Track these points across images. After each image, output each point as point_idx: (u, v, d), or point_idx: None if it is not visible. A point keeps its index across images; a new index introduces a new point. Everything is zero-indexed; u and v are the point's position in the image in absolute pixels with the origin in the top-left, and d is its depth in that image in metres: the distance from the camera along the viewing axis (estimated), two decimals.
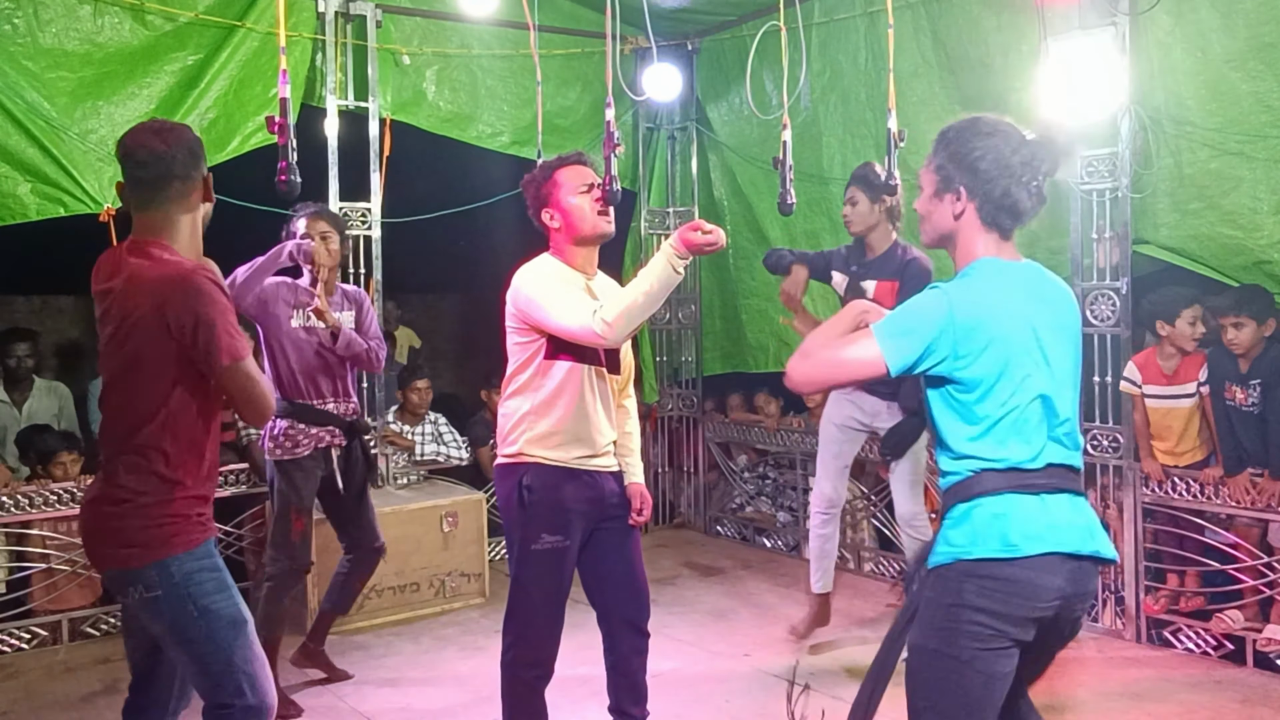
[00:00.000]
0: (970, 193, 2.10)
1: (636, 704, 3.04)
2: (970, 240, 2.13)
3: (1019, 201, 2.09)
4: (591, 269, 2.93)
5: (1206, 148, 4.02)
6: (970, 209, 2.10)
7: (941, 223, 2.16)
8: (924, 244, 2.24)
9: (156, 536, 2.24)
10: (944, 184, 2.13)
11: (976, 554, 1.99)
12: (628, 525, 2.97)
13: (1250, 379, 4.07)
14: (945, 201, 2.13)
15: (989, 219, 2.11)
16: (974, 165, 2.08)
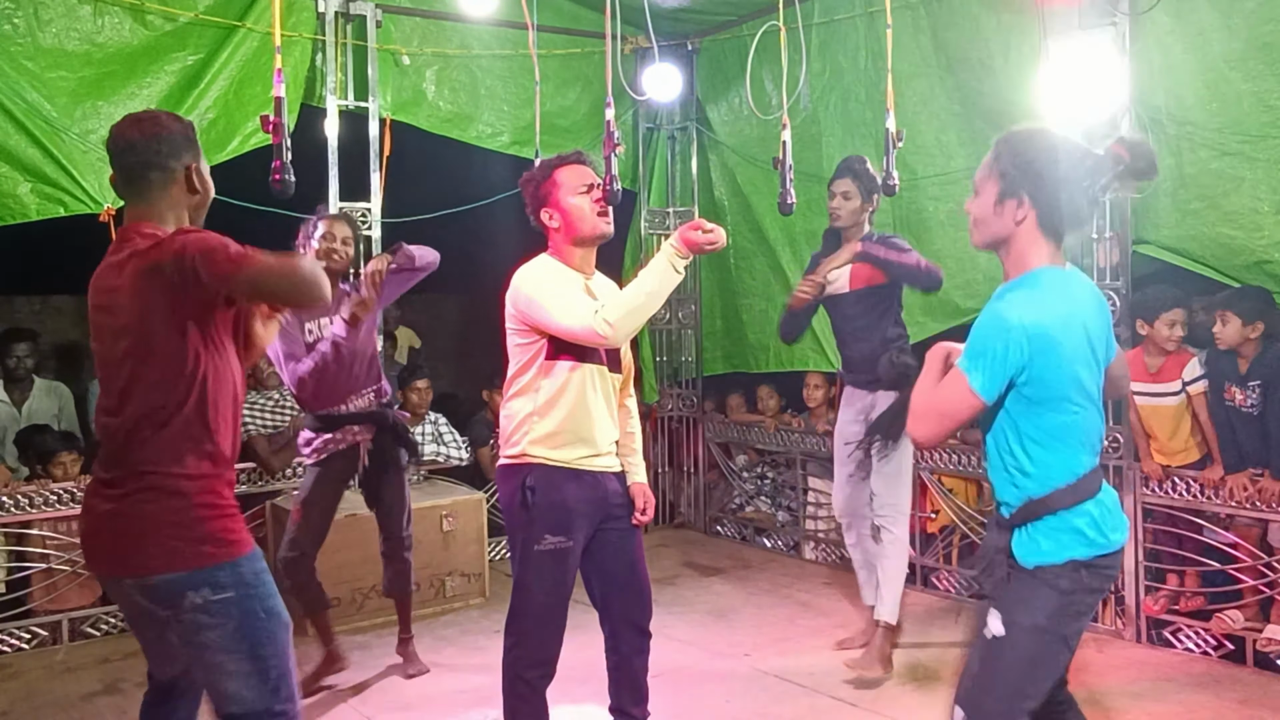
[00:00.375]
0: (1034, 201, 2.13)
1: (637, 704, 3.04)
2: (1027, 247, 2.16)
3: (1079, 211, 2.15)
4: (590, 269, 2.93)
5: (1207, 148, 4.02)
6: (1032, 217, 2.14)
7: (1001, 229, 2.18)
8: (974, 245, 2.26)
9: (228, 531, 2.15)
10: (1007, 190, 2.15)
11: (1093, 551, 2.12)
12: (630, 525, 2.96)
13: (1249, 380, 4.07)
14: (1007, 208, 2.16)
15: (1048, 228, 2.15)
16: (1040, 174, 2.12)
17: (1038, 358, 2.06)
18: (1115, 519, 2.19)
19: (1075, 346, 2.10)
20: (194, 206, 2.26)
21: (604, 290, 2.93)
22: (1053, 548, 2.14)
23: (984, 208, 2.20)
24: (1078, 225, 2.19)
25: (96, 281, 2.23)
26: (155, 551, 2.10)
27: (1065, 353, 2.09)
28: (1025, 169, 2.13)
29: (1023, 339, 2.05)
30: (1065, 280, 2.16)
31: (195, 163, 2.24)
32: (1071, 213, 2.14)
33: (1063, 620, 2.14)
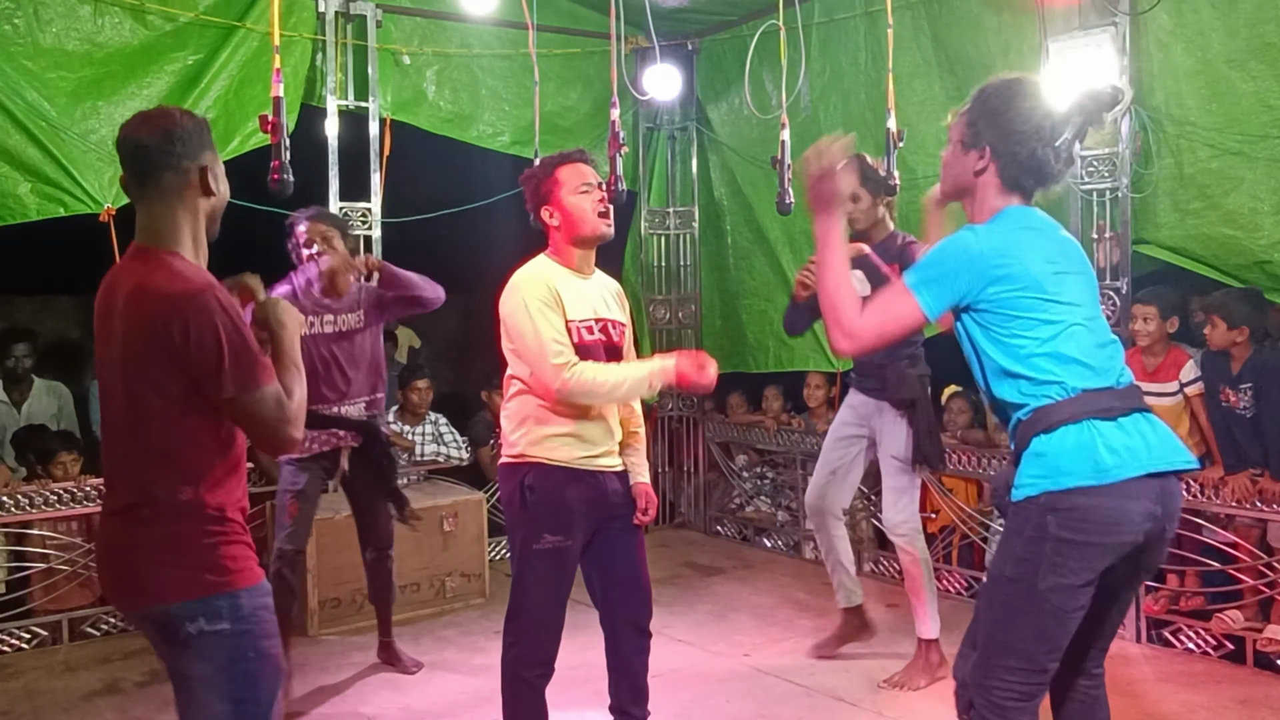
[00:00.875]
0: (994, 153, 2.13)
1: (637, 704, 3.04)
2: (988, 198, 2.17)
3: (1045, 164, 2.12)
4: (589, 269, 2.93)
5: (1207, 147, 4.01)
6: (992, 169, 2.14)
7: (961, 176, 2.20)
8: (941, 193, 2.32)
9: (234, 560, 2.00)
10: (972, 139, 2.17)
11: (1065, 484, 2.00)
12: (631, 525, 2.96)
13: (1241, 382, 4.07)
14: (970, 157, 2.17)
15: (1010, 181, 2.14)
16: (1004, 126, 2.11)
17: (991, 272, 2.06)
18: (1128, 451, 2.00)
19: (1035, 267, 2.07)
20: (210, 211, 2.10)
21: (600, 293, 2.92)
22: (1031, 479, 2.04)
23: (951, 154, 2.23)
24: (1044, 178, 2.16)
25: (105, 296, 2.10)
26: (158, 578, 1.97)
27: (1024, 269, 2.06)
28: (990, 120, 2.14)
29: (976, 256, 2.07)
30: (1026, 215, 2.16)
31: (211, 164, 2.08)
32: (1035, 166, 2.12)
33: (1035, 570, 2.00)
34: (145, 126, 2.04)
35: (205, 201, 2.07)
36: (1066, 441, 2.02)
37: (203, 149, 2.07)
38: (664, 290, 6.45)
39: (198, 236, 2.08)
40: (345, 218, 5.03)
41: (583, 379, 2.68)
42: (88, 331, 7.39)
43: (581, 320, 2.83)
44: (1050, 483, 2.02)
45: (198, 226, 2.07)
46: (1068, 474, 2.00)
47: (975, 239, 2.10)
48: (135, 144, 2.03)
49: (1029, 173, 2.13)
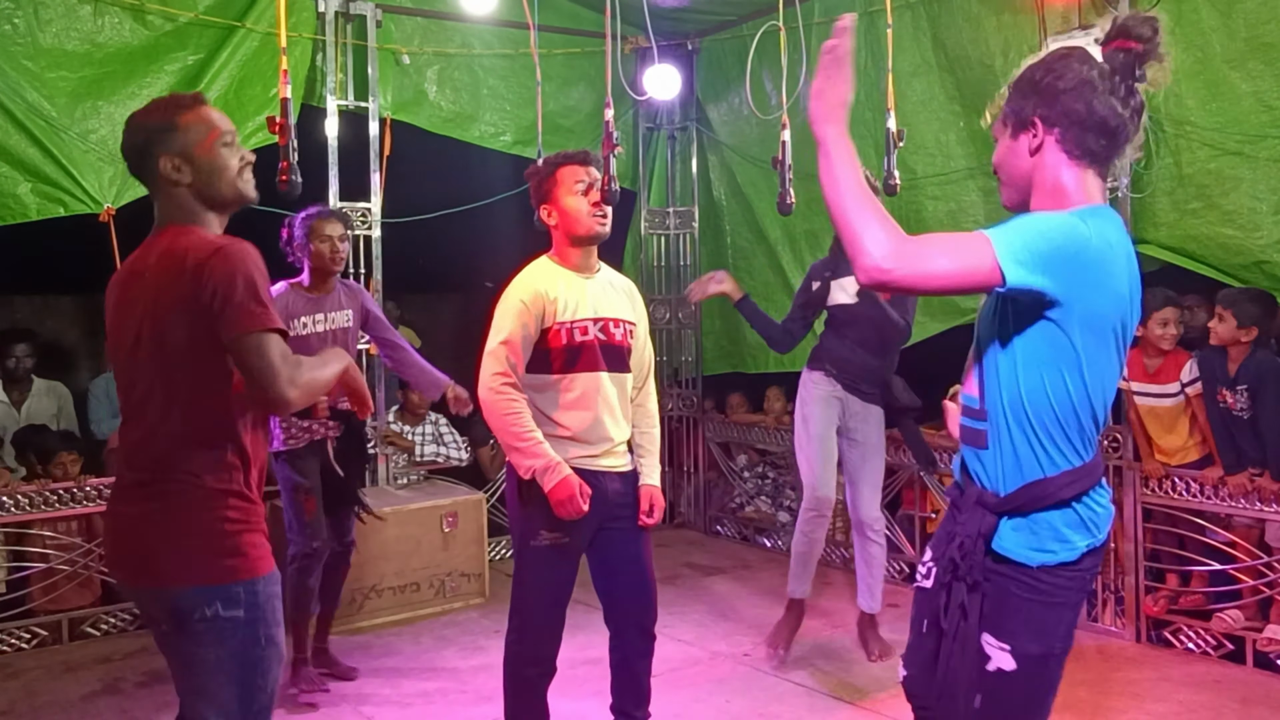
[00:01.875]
0: (1047, 121, 1.81)
1: (639, 705, 3.04)
2: (1059, 179, 1.81)
3: (1109, 116, 1.79)
4: (590, 268, 2.93)
5: (1206, 147, 4.02)
6: (1050, 141, 1.82)
7: (1019, 166, 1.86)
8: (1006, 206, 1.93)
9: (255, 547, 2.01)
10: (1018, 121, 1.85)
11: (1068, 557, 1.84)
12: (636, 526, 2.95)
13: (1237, 383, 4.07)
14: (1021, 141, 1.85)
15: (1077, 147, 1.80)
16: (1048, 89, 1.81)
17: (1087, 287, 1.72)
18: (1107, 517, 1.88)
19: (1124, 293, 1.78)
20: (199, 195, 2.03)
21: (603, 290, 2.92)
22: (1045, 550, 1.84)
23: (1000, 150, 1.90)
24: (1114, 134, 1.81)
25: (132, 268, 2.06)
26: (179, 561, 1.97)
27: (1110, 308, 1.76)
28: (1030, 90, 1.84)
29: (1083, 250, 1.70)
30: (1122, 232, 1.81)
31: (169, 150, 2.01)
32: (1098, 121, 1.78)
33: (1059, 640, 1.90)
34: (133, 126, 2.08)
35: (181, 189, 2.04)
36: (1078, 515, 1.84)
37: (161, 138, 2.02)
38: (664, 290, 6.46)
39: (194, 222, 2.04)
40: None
41: (499, 403, 2.78)
42: (88, 331, 7.44)
43: (576, 320, 2.83)
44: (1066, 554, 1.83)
45: (188, 213, 2.05)
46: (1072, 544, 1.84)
47: (1085, 228, 1.72)
48: (130, 146, 2.08)
49: (1093, 130, 1.79)
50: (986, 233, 1.69)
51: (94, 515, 4.57)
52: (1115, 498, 4.34)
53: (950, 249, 1.68)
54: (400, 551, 4.75)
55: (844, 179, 1.69)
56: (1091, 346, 1.76)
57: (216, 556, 1.97)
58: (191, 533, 1.97)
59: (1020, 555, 1.83)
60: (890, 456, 4.41)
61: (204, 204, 2.06)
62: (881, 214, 1.66)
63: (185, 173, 2.03)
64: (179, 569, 1.97)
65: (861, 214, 1.65)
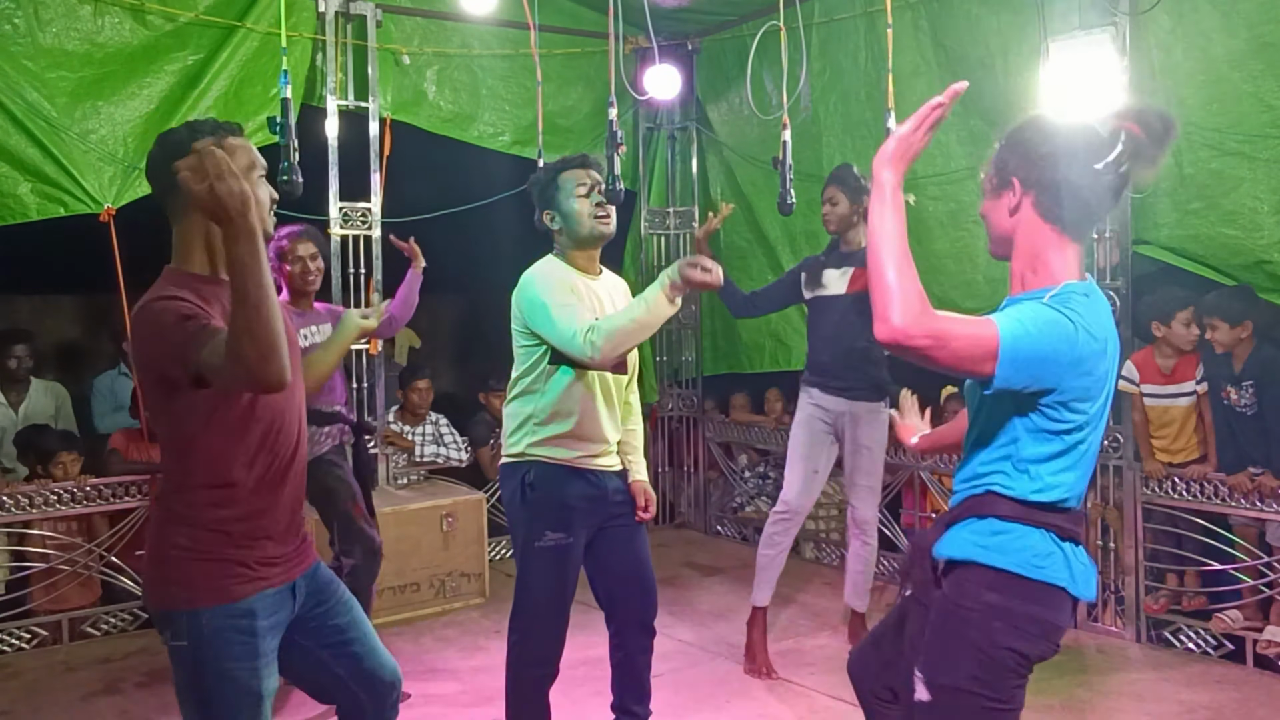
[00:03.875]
0: (1024, 184, 1.87)
1: (640, 702, 3.05)
2: (1037, 246, 1.87)
3: (1081, 189, 1.83)
4: (594, 268, 2.95)
5: (1207, 148, 4.02)
6: (1027, 204, 1.87)
7: (999, 223, 1.92)
8: (992, 255, 2.01)
9: (204, 578, 1.97)
10: (1000, 179, 1.91)
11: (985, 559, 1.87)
12: (634, 523, 2.98)
13: (1243, 380, 4.08)
14: (1002, 199, 1.91)
15: (1049, 214, 1.85)
16: (1030, 152, 1.86)
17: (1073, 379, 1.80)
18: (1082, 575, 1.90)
19: (1104, 374, 1.86)
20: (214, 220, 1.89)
21: (609, 292, 2.94)
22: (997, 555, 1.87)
23: (986, 206, 1.97)
24: (1086, 211, 1.86)
25: None
26: (149, 582, 2.04)
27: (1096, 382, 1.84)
28: (1015, 151, 1.89)
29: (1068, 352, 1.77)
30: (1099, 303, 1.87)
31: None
32: (1071, 194, 1.83)
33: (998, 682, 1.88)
34: (149, 153, 2.05)
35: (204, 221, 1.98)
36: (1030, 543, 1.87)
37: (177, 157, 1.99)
38: None
39: (212, 248, 2.01)
40: (345, 218, 5.05)
41: (605, 334, 2.60)
42: (87, 331, 7.44)
43: None
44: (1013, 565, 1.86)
45: (209, 238, 2.01)
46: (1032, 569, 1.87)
47: (1074, 329, 1.78)
48: (150, 171, 2.05)
49: (1066, 203, 1.83)
50: (996, 324, 1.74)
51: (94, 515, 4.57)
52: (1115, 498, 4.34)
53: (968, 333, 1.72)
54: (400, 551, 4.75)
55: (896, 231, 1.73)
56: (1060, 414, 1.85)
57: (161, 583, 2.00)
58: (152, 552, 2.03)
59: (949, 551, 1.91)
60: (890, 457, 4.41)
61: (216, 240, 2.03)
62: (915, 279, 1.71)
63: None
64: (148, 585, 2.05)
65: (902, 274, 1.70)
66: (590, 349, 2.61)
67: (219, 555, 1.98)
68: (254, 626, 1.98)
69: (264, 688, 2.00)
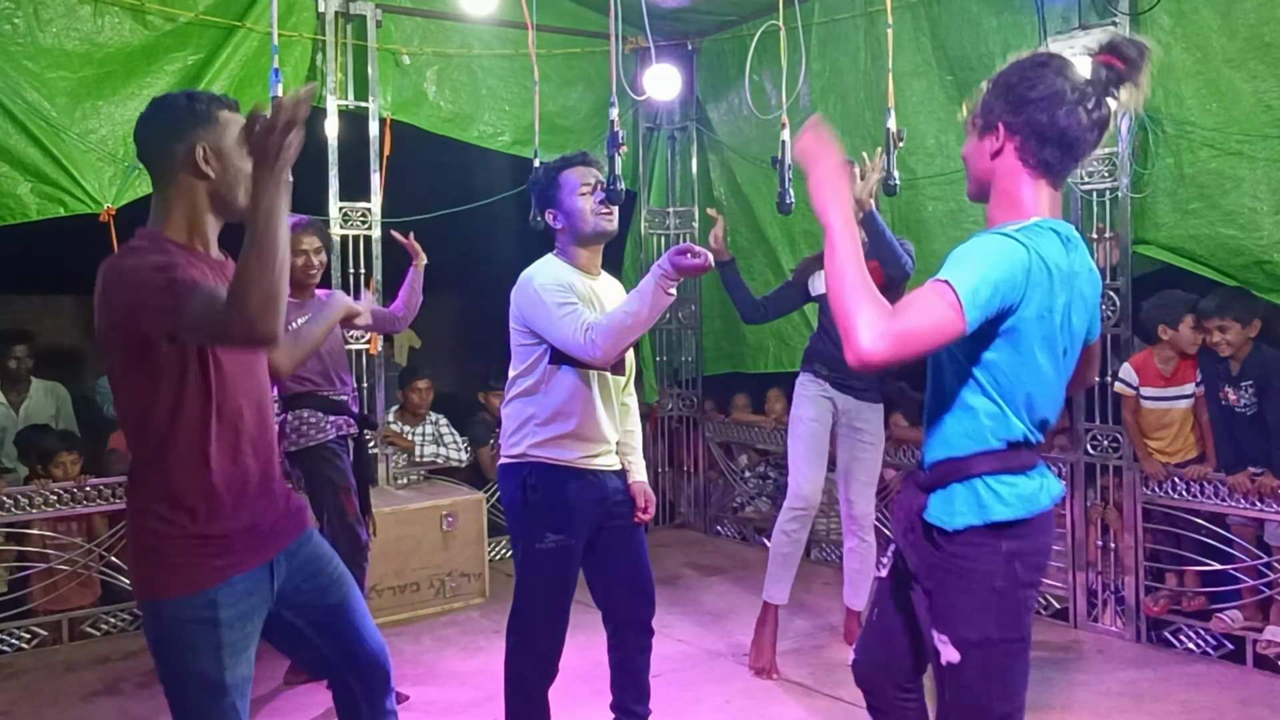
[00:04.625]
0: (1010, 128, 1.88)
1: (640, 702, 3.05)
2: (1015, 188, 1.90)
3: (1069, 129, 1.84)
4: (595, 268, 2.94)
5: (1206, 147, 4.02)
6: (1010, 148, 1.88)
7: (980, 165, 1.94)
8: (968, 196, 2.03)
9: (152, 571, 1.95)
10: (985, 122, 1.92)
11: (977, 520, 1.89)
12: (633, 524, 2.98)
13: (1242, 380, 4.08)
14: (985, 142, 1.92)
15: (1033, 158, 1.87)
16: (1018, 97, 1.86)
17: (1028, 301, 1.80)
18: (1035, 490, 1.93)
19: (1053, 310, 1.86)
20: (211, 191, 1.98)
21: (608, 293, 2.94)
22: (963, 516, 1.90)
23: (967, 145, 1.98)
24: (1071, 147, 1.87)
25: None
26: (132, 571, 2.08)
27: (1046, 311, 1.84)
28: (1002, 94, 1.89)
29: (1024, 273, 1.78)
30: (1072, 240, 1.90)
31: (206, 144, 1.95)
32: (1057, 135, 1.84)
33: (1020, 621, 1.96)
34: (142, 115, 2.03)
35: (201, 183, 1.97)
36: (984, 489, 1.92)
37: (194, 125, 1.96)
38: None
39: (193, 219, 1.99)
40: (344, 218, 5.06)
41: (605, 331, 2.60)
42: (88, 331, 7.40)
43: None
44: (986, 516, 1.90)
45: (193, 208, 1.98)
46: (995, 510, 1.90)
47: (1026, 253, 1.80)
48: (137, 139, 2.03)
49: (1052, 143, 1.85)
50: (946, 278, 1.76)
51: (94, 515, 4.57)
52: (1115, 498, 4.34)
53: (921, 314, 1.74)
54: (400, 551, 4.75)
55: (847, 270, 1.76)
56: (1006, 352, 1.86)
57: (134, 573, 2.03)
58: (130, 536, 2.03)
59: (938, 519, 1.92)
60: (889, 456, 4.41)
61: (213, 206, 2.00)
62: (874, 302, 1.73)
63: (214, 167, 1.96)
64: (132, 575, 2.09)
65: (858, 304, 1.73)
66: (591, 347, 2.61)
67: (181, 540, 1.94)
68: (216, 617, 1.93)
69: (229, 678, 1.94)
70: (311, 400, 3.83)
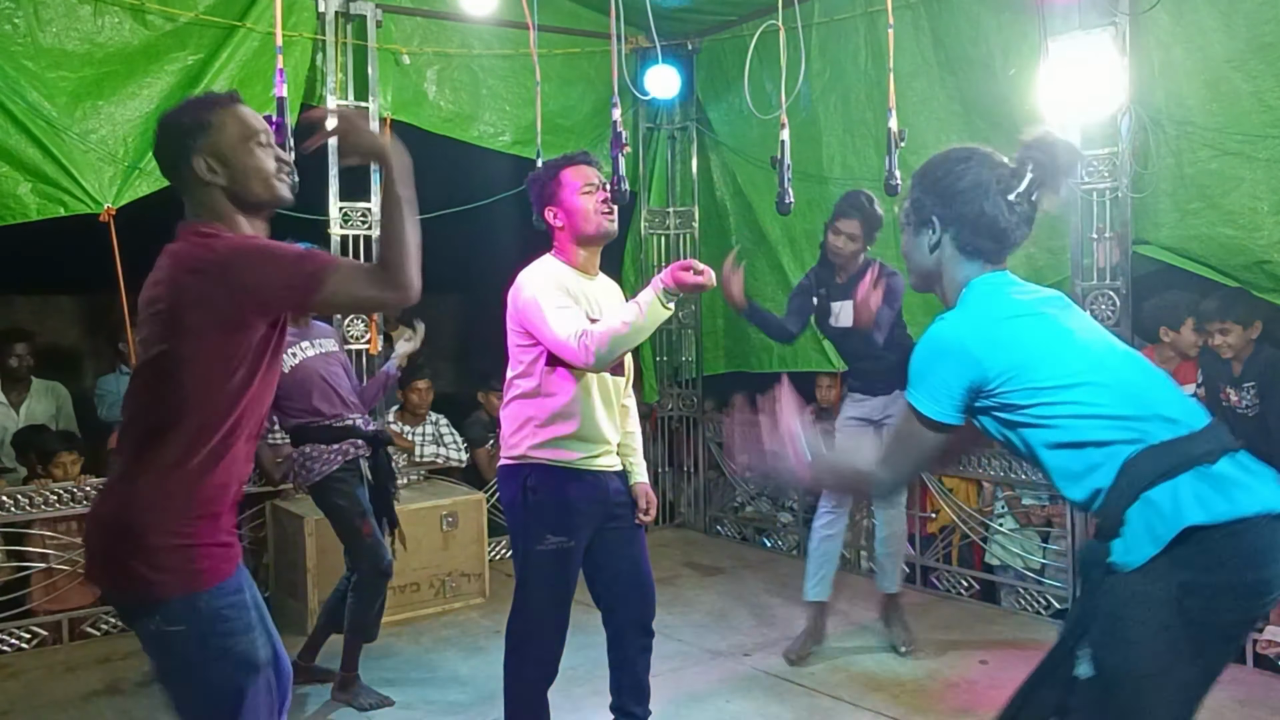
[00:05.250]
0: (944, 221, 1.96)
1: (639, 703, 3.05)
2: (958, 274, 1.98)
3: (997, 219, 1.92)
4: (593, 268, 2.94)
5: (1207, 148, 4.02)
6: (946, 240, 1.97)
7: (920, 261, 2.03)
8: (916, 289, 2.11)
9: (188, 565, 1.91)
10: (919, 219, 2.01)
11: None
12: (633, 525, 2.98)
13: (1243, 382, 4.07)
14: (922, 238, 2.00)
15: (968, 247, 1.96)
16: (945, 190, 1.95)
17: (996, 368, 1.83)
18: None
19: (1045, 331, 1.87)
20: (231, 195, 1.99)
21: (604, 294, 2.93)
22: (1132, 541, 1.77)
23: (906, 246, 2.07)
24: (1000, 235, 1.94)
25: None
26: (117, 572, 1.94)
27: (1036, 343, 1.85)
28: (930, 189, 1.98)
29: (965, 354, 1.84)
30: (1000, 284, 1.95)
31: (202, 153, 1.97)
32: (987, 224, 1.92)
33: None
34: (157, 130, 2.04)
35: (214, 189, 1.98)
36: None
37: (190, 143, 1.97)
38: None
39: (227, 224, 1.99)
40: (345, 219, 5.06)
41: (600, 338, 2.60)
42: (87, 331, 7.44)
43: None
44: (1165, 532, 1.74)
45: (221, 214, 1.99)
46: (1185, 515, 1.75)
47: (954, 334, 1.88)
48: (156, 147, 2.05)
49: (983, 233, 1.93)
50: (910, 401, 1.91)
51: None
52: None
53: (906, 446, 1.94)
54: (400, 551, 4.74)
55: (845, 485, 2.12)
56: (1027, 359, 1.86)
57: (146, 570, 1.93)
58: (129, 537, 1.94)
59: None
60: None
61: (237, 206, 2.00)
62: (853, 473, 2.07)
63: (219, 173, 1.98)
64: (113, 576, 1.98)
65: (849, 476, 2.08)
66: (585, 353, 2.61)
67: (211, 533, 1.94)
68: (244, 600, 1.97)
69: (263, 655, 1.97)
70: (312, 432, 3.78)
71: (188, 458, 1.91)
